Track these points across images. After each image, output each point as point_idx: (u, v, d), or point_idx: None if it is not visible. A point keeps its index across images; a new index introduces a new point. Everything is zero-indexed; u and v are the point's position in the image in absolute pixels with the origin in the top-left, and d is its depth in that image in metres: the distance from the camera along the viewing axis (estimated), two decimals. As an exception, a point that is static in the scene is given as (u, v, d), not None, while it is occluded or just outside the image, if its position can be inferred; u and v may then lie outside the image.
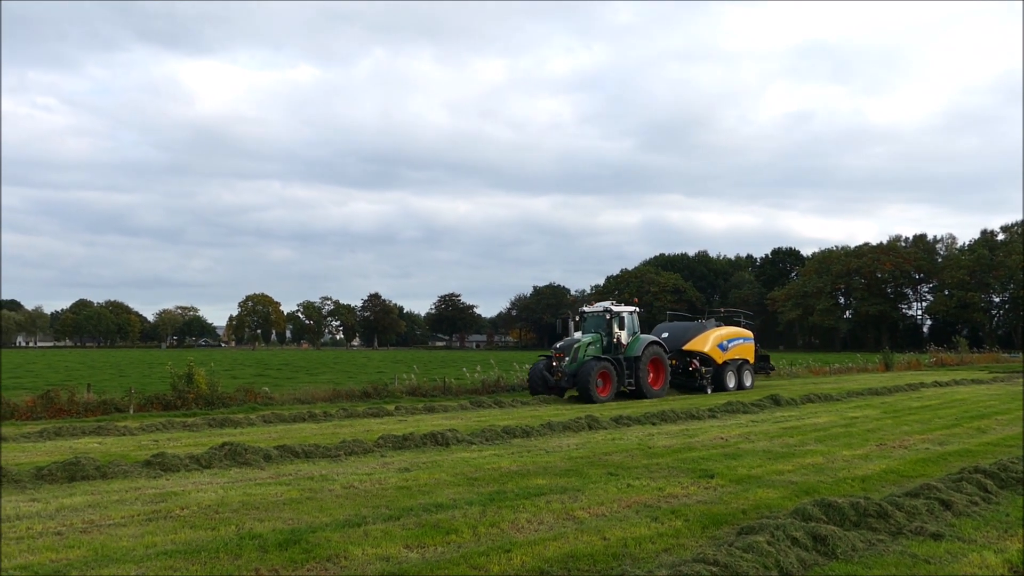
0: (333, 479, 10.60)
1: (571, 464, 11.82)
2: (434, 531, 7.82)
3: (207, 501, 9.17)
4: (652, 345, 26.28)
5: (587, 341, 25.14)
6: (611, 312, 26.20)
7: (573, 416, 17.47)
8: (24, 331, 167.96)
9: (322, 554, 7.00)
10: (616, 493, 9.69)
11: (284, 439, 14.49)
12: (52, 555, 6.94)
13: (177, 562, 6.75)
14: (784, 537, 7.05)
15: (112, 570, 6.51)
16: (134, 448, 13.80)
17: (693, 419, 18.11)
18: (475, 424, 17.09)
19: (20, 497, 9.43)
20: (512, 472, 11.15)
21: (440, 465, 11.78)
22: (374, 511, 8.66)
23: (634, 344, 25.89)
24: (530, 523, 8.21)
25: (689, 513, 8.63)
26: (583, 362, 24.39)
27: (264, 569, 6.59)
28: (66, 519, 8.28)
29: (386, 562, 6.85)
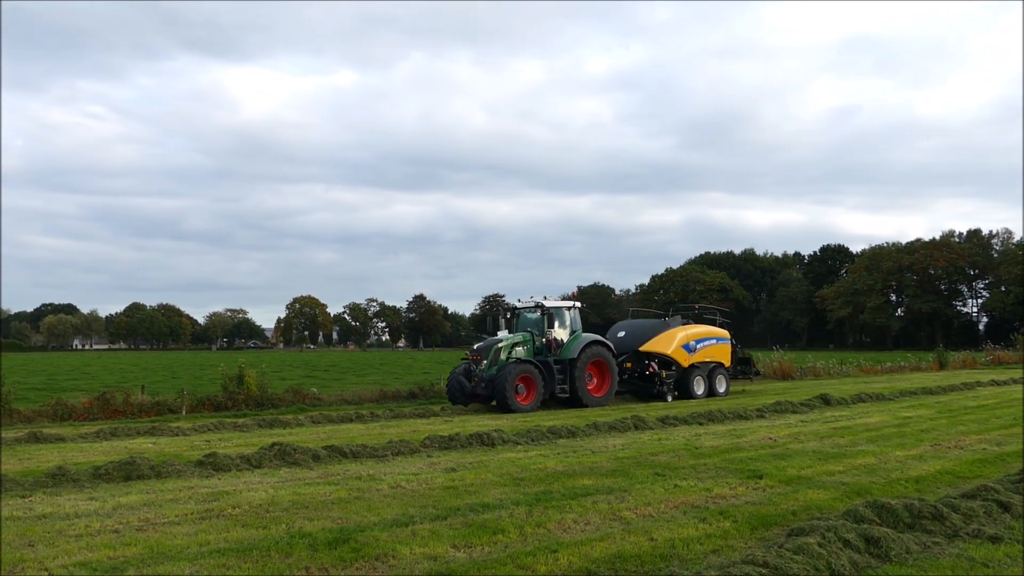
0: (380, 479, 10.70)
1: (617, 464, 11.77)
2: (481, 531, 7.85)
3: (258, 500, 9.32)
4: (593, 346, 22.94)
5: (512, 341, 22.30)
6: (543, 308, 23.21)
7: (619, 416, 17.40)
8: (80, 334, 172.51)
9: (371, 553, 7.07)
10: (663, 494, 9.63)
11: (332, 439, 14.66)
12: (110, 552, 7.12)
13: (230, 560, 6.87)
14: (836, 539, 6.93)
15: (167, 568, 6.66)
16: (187, 448, 14.08)
17: (741, 419, 17.91)
18: (520, 424, 17.11)
19: (79, 496, 9.68)
20: (558, 472, 11.14)
21: (486, 465, 11.81)
22: (421, 511, 8.72)
23: (571, 344, 22.78)
24: (576, 523, 8.20)
25: (737, 514, 8.53)
26: (503, 365, 21.46)
27: (314, 568, 6.69)
28: (123, 517, 8.49)
29: (434, 561, 6.89)
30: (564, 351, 22.55)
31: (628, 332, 26.15)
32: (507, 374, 20.77)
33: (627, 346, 25.27)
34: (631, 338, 25.66)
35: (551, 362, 22.02)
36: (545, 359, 22.13)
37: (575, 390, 22.10)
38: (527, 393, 21.25)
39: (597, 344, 23.10)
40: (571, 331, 23.40)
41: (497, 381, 20.80)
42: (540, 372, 21.45)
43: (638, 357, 24.98)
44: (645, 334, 25.55)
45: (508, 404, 20.56)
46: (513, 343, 22.26)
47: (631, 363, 24.92)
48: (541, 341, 22.72)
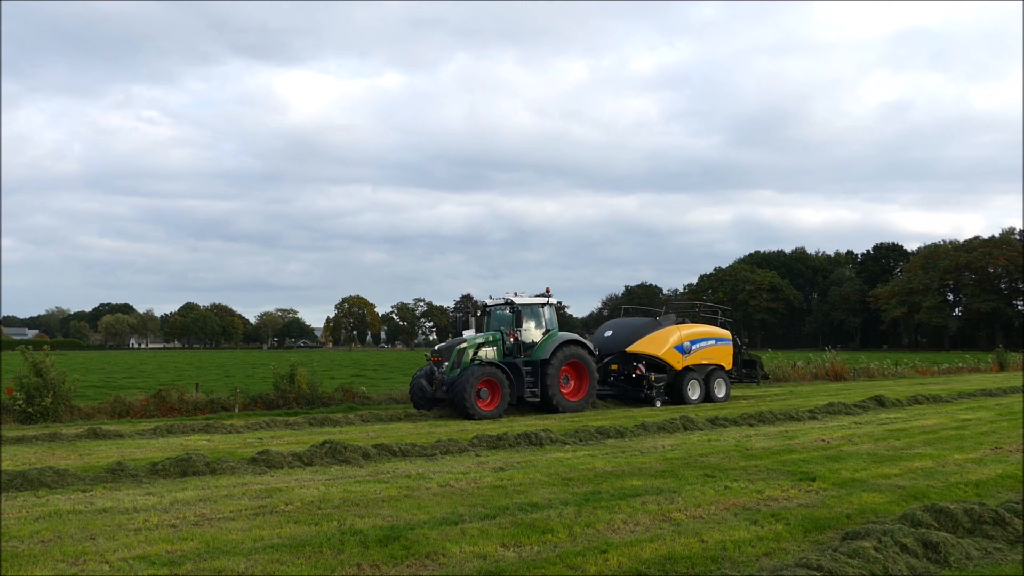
0: (430, 477, 10.77)
1: (666, 465, 11.69)
2: (530, 530, 7.85)
3: (310, 497, 9.45)
4: (568, 346, 20.90)
5: (478, 341, 20.51)
6: (513, 305, 21.32)
7: (668, 417, 17.27)
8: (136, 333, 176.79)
9: (421, 551, 7.13)
10: (713, 495, 9.53)
11: (381, 438, 14.80)
12: (167, 546, 7.28)
13: (283, 556, 6.98)
14: (892, 543, 6.79)
15: (223, 562, 6.79)
16: (240, 445, 14.34)
17: (792, 420, 17.64)
18: (568, 424, 17.08)
19: (137, 491, 9.92)
20: (607, 473, 11.10)
21: (534, 465, 11.82)
22: (470, 509, 8.76)
23: (543, 344, 20.87)
24: (626, 524, 8.16)
25: (790, 517, 8.41)
26: (465, 367, 19.87)
27: (366, 564, 6.76)
28: (179, 512, 8.68)
29: (483, 560, 6.92)
30: (536, 352, 20.77)
31: (616, 332, 24.28)
32: (467, 377, 19.12)
33: (614, 347, 23.45)
34: (618, 338, 23.78)
35: (519, 363, 20.31)
36: (513, 360, 20.42)
37: (547, 394, 20.30)
38: (491, 398, 19.53)
39: (573, 344, 21.11)
40: (546, 330, 21.46)
41: (457, 384, 19.23)
42: (506, 374, 19.68)
43: (625, 359, 23.22)
44: (633, 334, 23.57)
45: (467, 410, 18.88)
46: (479, 343, 20.51)
47: (618, 365, 23.16)
48: (511, 341, 20.95)
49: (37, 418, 18.26)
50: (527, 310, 21.36)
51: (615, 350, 23.21)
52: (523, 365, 20.28)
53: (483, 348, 20.46)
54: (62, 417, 18.77)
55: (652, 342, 23.23)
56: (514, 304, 21.17)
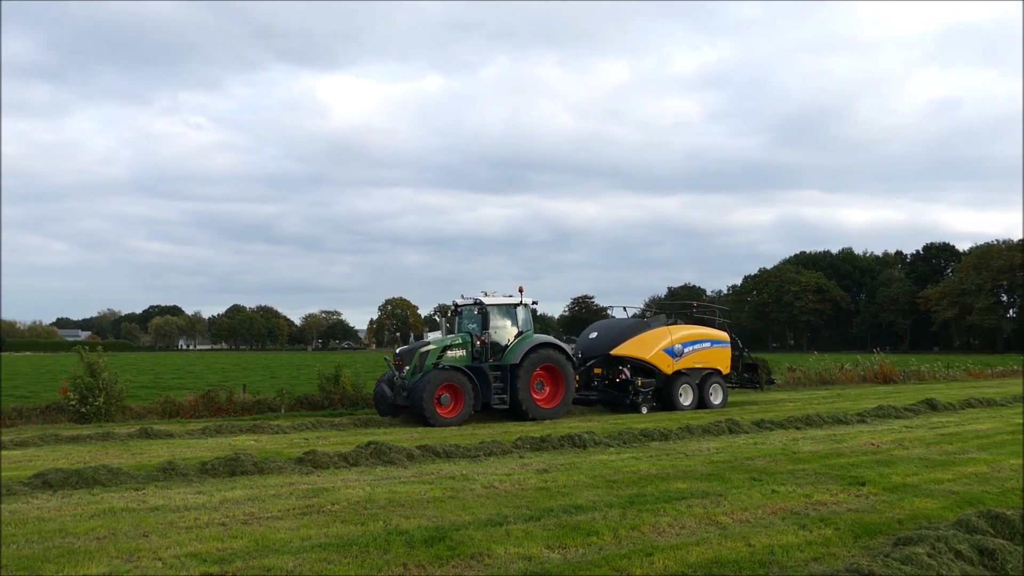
0: (474, 479, 10.81)
1: (712, 468, 11.58)
2: (574, 532, 7.84)
3: (356, 497, 9.54)
4: (542, 349, 19.70)
5: (443, 344, 19.30)
6: (482, 306, 20.12)
7: (712, 420, 17.10)
8: (185, 335, 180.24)
9: (466, 552, 7.15)
10: (760, 499, 9.42)
11: (425, 439, 14.88)
12: (218, 544, 7.41)
13: (330, 555, 7.07)
14: (946, 549, 6.65)
15: (272, 560, 6.89)
16: (287, 446, 14.53)
17: (840, 424, 17.34)
18: (611, 426, 17.01)
19: (187, 489, 10.11)
20: (651, 475, 11.03)
21: (578, 467, 11.79)
22: (515, 511, 8.77)
23: (515, 347, 19.66)
24: (671, 527, 8.10)
25: (839, 521, 8.28)
26: (427, 372, 18.75)
27: (412, 565, 6.81)
28: (229, 511, 8.82)
29: (528, 561, 6.92)
30: (506, 355, 19.59)
31: (600, 333, 22.92)
32: (426, 382, 18.11)
33: (598, 349, 22.13)
34: (602, 340, 22.40)
35: (486, 368, 19.21)
36: (479, 365, 19.30)
37: (517, 400, 19.20)
38: (453, 404, 18.50)
39: (547, 347, 19.89)
40: (519, 332, 20.21)
41: (415, 390, 18.21)
42: (470, 380, 18.66)
43: (609, 362, 21.81)
44: (618, 336, 22.19)
45: (426, 416, 17.90)
46: (444, 346, 19.30)
47: (602, 368, 21.77)
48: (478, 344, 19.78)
49: (91, 418, 18.69)
50: (498, 311, 20.24)
51: (599, 353, 21.97)
52: (493, 370, 19.26)
53: (450, 351, 19.31)
54: (115, 417, 19.19)
55: (638, 344, 21.88)
56: (482, 305, 20.05)
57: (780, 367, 34.77)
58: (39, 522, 8.33)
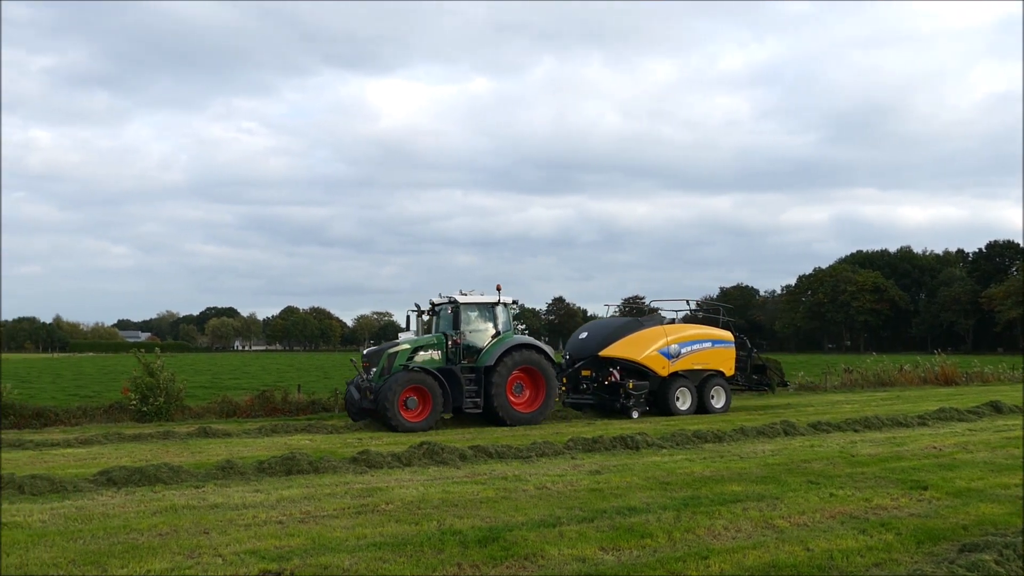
0: (526, 479, 10.81)
1: (767, 471, 11.40)
2: (628, 534, 7.79)
3: (409, 497, 9.62)
4: (519, 351, 18.80)
5: (414, 344, 18.59)
6: (455, 304, 19.13)
7: (767, 421, 16.85)
8: (240, 336, 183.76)
9: (520, 552, 7.16)
10: (818, 502, 9.24)
11: (477, 440, 14.93)
12: (276, 542, 7.53)
13: (385, 554, 7.13)
14: (1015, 556, 6.45)
15: (329, 558, 6.98)
16: (340, 445, 14.71)
17: (900, 426, 16.94)
18: (664, 428, 16.85)
19: (245, 488, 10.30)
20: (705, 477, 10.91)
21: (631, 468, 11.72)
22: (568, 512, 8.75)
23: (490, 349, 18.79)
24: (727, 530, 8.01)
25: (901, 526, 8.08)
26: (394, 373, 17.92)
27: (466, 564, 6.84)
28: (286, 510, 8.96)
29: (582, 563, 6.90)
30: (481, 357, 18.76)
31: (591, 334, 21.79)
32: (391, 384, 17.36)
33: (587, 350, 21.01)
34: (592, 341, 21.24)
35: (458, 370, 18.41)
36: (449, 367, 18.45)
37: (491, 403, 18.35)
38: (420, 407, 17.72)
39: (525, 349, 18.99)
40: (496, 333, 19.25)
41: (380, 392, 17.46)
42: (439, 382, 17.86)
43: (599, 363, 20.65)
44: (609, 336, 20.98)
45: (390, 420, 17.21)
46: (416, 347, 18.53)
47: (591, 370, 20.70)
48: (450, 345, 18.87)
49: (151, 417, 19.17)
50: (473, 311, 19.34)
51: (588, 354, 20.89)
52: (467, 372, 18.50)
53: (422, 352, 18.53)
54: (174, 416, 19.64)
55: (630, 345, 20.67)
56: (456, 303, 19.10)
57: (836, 368, 34.12)
58: (104, 518, 8.57)
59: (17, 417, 18.82)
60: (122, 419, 19.47)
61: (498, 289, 19.52)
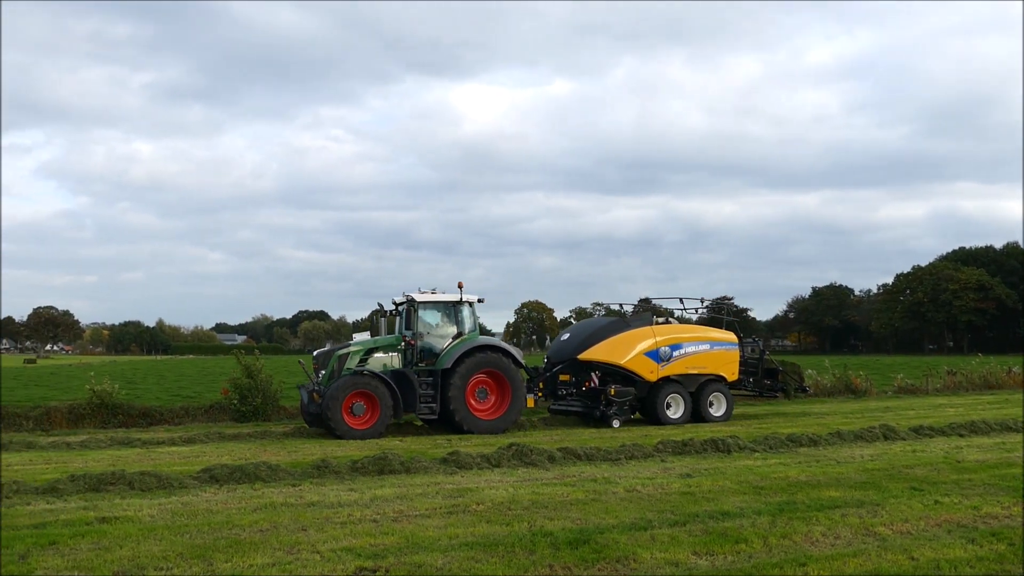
0: (615, 482, 10.74)
1: (867, 476, 11.03)
2: (722, 539, 7.66)
3: (499, 498, 9.68)
4: (480, 353, 17.64)
5: (367, 346, 17.74)
6: (412, 303, 18.10)
7: (865, 425, 16.29)
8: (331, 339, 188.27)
9: (611, 555, 7.12)
10: (922, 510, 8.89)
11: (565, 442, 14.92)
12: (371, 540, 7.69)
13: (477, 553, 7.20)
14: None
15: (422, 557, 7.09)
16: (431, 446, 14.91)
17: (1010, 431, 16.13)
18: (756, 431, 16.49)
19: (340, 487, 10.55)
20: (801, 482, 10.63)
21: (723, 472, 11.51)
22: (659, 515, 8.66)
23: (449, 351, 17.62)
24: (825, 537, 7.78)
25: (1013, 536, 7.70)
26: (342, 377, 17.03)
27: (558, 566, 6.84)
28: (379, 508, 9.14)
29: (675, 567, 6.82)
30: (439, 359, 17.69)
31: (572, 335, 20.34)
32: (336, 389, 16.52)
33: (566, 353, 19.56)
34: (572, 343, 19.73)
35: (411, 374, 17.45)
36: (403, 370, 17.56)
37: (448, 409, 17.27)
38: (368, 414, 16.77)
39: (488, 351, 17.81)
40: (458, 334, 18.10)
41: (325, 397, 16.59)
42: (389, 387, 16.87)
43: (577, 367, 19.22)
44: (589, 338, 19.42)
45: (332, 427, 16.35)
46: (369, 348, 17.71)
47: (569, 375, 19.28)
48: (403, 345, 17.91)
49: (249, 416, 19.82)
50: (432, 310, 18.36)
51: (567, 357, 19.44)
52: (425, 375, 17.52)
53: (378, 354, 17.73)
54: (271, 416, 20.26)
55: (612, 347, 19.06)
56: (412, 302, 18.04)
57: (938, 370, 32.73)
58: (208, 514, 8.90)
59: (125, 416, 19.76)
60: (222, 419, 20.20)
61: (460, 287, 18.38)
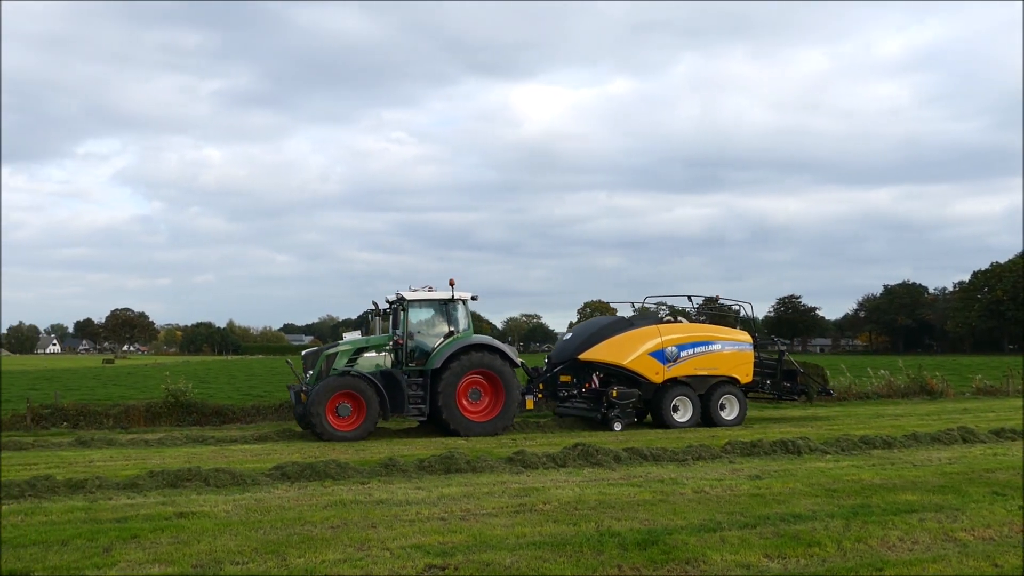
0: (683, 483, 10.63)
1: (945, 480, 10.69)
2: (794, 542, 7.51)
3: (566, 498, 9.66)
4: (473, 352, 17.25)
5: (357, 344, 17.48)
6: (401, 301, 17.63)
7: (942, 427, 15.79)
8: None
9: (680, 556, 7.05)
10: (1005, 515, 8.58)
11: (631, 442, 14.81)
12: (439, 538, 7.76)
13: (545, 553, 7.20)
14: None
15: (491, 556, 7.13)
16: (496, 446, 14.98)
17: (1098, 434, 15.46)
18: (827, 432, 16.13)
19: (407, 485, 10.67)
20: (875, 485, 10.36)
21: (793, 474, 11.29)
22: (728, 517, 8.54)
23: (440, 350, 17.24)
24: (902, 541, 7.57)
25: (1105, 544, 7.38)
26: (328, 378, 16.81)
27: (626, 567, 6.80)
28: (447, 507, 9.22)
29: (746, 570, 6.72)
30: (429, 359, 17.33)
31: (574, 334, 19.72)
32: (320, 390, 16.28)
33: (567, 353, 19.00)
34: (574, 342, 19.13)
35: (399, 374, 17.12)
36: (391, 370, 17.21)
37: (437, 409, 16.91)
38: (354, 415, 16.49)
39: (480, 350, 17.40)
40: (450, 333, 17.65)
41: (309, 398, 16.37)
42: (374, 387, 16.55)
43: (578, 368, 18.67)
44: (591, 337, 18.79)
45: (316, 428, 16.13)
46: (359, 347, 17.44)
47: (571, 376, 18.75)
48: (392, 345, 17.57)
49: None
50: (422, 308, 17.97)
51: (568, 357, 18.86)
52: (415, 376, 17.20)
53: (369, 353, 17.45)
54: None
55: (614, 347, 18.42)
56: (402, 300, 17.56)
57: (1019, 370, 31.51)
58: (281, 510, 9.10)
59: (199, 415, 20.32)
60: (291, 417, 20.58)
61: (451, 284, 17.80)
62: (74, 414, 19.76)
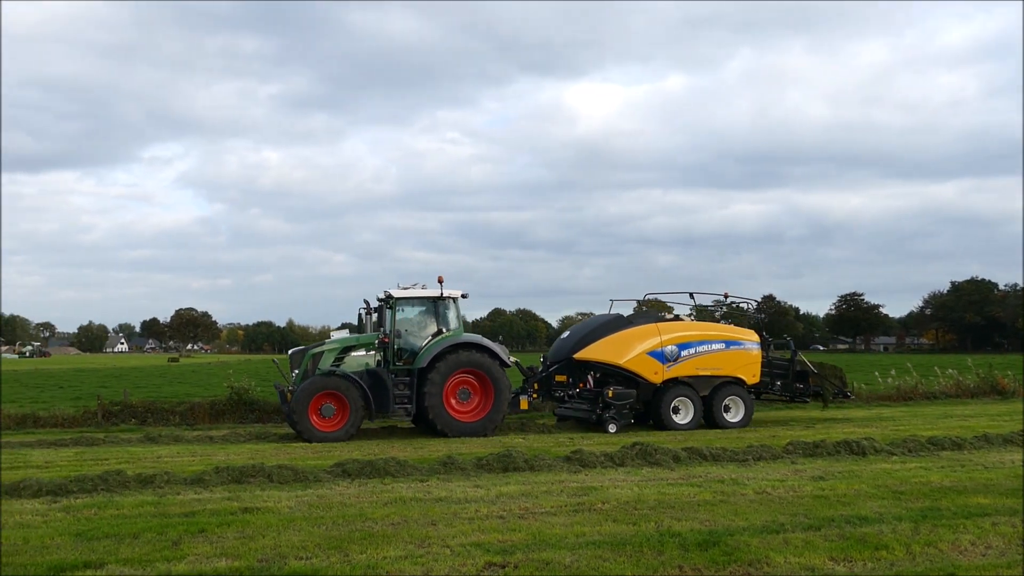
0: (744, 483, 10.48)
1: (1018, 483, 10.35)
2: (860, 545, 7.35)
3: (625, 497, 9.61)
4: (460, 351, 16.90)
5: (344, 343, 17.22)
6: (389, 299, 17.32)
7: (1015, 428, 15.29)
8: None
9: (743, 558, 6.95)
10: (1083, 520, 8.27)
11: (690, 441, 14.67)
12: (499, 536, 7.79)
13: (605, 552, 7.17)
14: None
15: (550, 554, 7.12)
16: (553, 444, 14.96)
17: None
18: (893, 433, 15.75)
19: (466, 483, 10.72)
20: (945, 488, 10.08)
21: (858, 475, 11.05)
22: (791, 519, 8.40)
23: (428, 348, 16.88)
24: (974, 546, 7.36)
25: None
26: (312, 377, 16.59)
27: (687, 567, 6.74)
28: (505, 505, 9.24)
29: (811, 572, 6.61)
30: (416, 358, 16.95)
31: (571, 333, 19.31)
32: (303, 389, 16.10)
33: (563, 352, 18.47)
34: (570, 341, 18.64)
35: (384, 373, 16.78)
36: (376, 369, 16.86)
37: (423, 409, 16.61)
38: (338, 415, 16.23)
39: (468, 349, 17.06)
40: (438, 331, 17.29)
41: (292, 398, 16.22)
42: (358, 386, 16.28)
43: (573, 367, 18.16)
44: (587, 336, 18.27)
45: (298, 429, 16.01)
46: (346, 346, 17.16)
47: (566, 375, 18.24)
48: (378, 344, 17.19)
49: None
50: (409, 306, 17.60)
51: (564, 357, 18.35)
52: (402, 375, 16.90)
53: (356, 352, 17.16)
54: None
55: (610, 346, 17.85)
56: (389, 298, 17.25)
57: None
58: (342, 507, 9.24)
59: (261, 412, 20.71)
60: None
61: (440, 281, 17.40)
62: (142, 411, 20.32)
